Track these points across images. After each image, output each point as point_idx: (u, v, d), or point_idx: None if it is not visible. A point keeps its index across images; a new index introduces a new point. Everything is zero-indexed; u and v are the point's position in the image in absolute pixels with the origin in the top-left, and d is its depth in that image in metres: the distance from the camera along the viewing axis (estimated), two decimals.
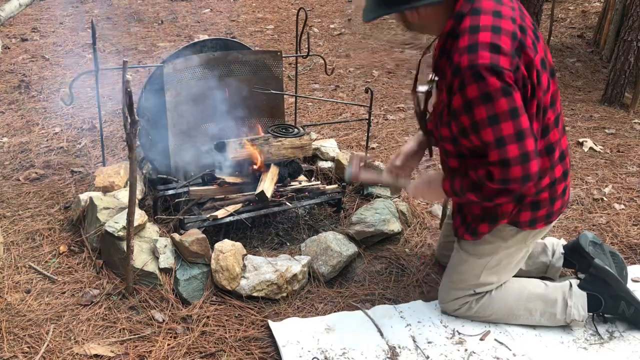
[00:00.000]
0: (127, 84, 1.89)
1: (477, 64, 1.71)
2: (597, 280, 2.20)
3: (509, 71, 1.73)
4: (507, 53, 1.74)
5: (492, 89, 1.72)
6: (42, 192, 3.04)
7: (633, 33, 4.45)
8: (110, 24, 6.54)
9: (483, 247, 2.14)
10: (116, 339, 2.11)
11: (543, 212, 2.06)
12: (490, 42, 1.74)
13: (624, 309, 2.19)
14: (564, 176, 2.06)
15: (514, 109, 1.74)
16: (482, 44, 1.73)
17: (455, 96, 1.79)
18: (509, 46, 1.75)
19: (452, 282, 2.23)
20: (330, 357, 2.05)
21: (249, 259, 2.41)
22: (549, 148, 1.98)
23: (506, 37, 1.76)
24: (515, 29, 1.80)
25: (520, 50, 1.78)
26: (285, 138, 2.82)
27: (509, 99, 1.73)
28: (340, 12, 7.59)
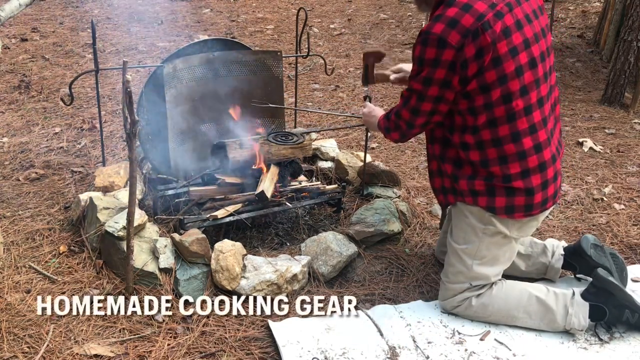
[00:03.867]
0: (127, 84, 1.89)
1: (429, 32, 1.93)
2: (600, 291, 2.18)
3: (451, 48, 1.90)
4: (462, 30, 1.89)
5: (427, 57, 1.95)
6: (42, 192, 3.04)
7: (633, 33, 4.45)
8: (110, 24, 6.54)
9: (466, 233, 2.17)
10: (116, 339, 2.11)
11: (520, 202, 2.06)
12: (453, 16, 1.91)
13: (628, 317, 2.18)
14: (541, 168, 2.06)
15: (429, 78, 1.98)
16: (446, 16, 1.92)
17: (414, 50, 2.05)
18: (468, 25, 1.89)
19: (447, 276, 2.26)
20: (330, 357, 2.05)
21: (249, 259, 2.41)
22: (515, 135, 2.01)
23: (470, 16, 1.90)
24: (486, 12, 1.92)
25: (479, 31, 1.90)
26: (285, 146, 2.81)
27: (431, 70, 1.96)
28: (340, 12, 7.59)
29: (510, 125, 2.00)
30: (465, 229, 2.19)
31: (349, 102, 4.59)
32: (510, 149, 2.02)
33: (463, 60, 1.91)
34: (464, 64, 1.92)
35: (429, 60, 1.94)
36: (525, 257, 2.43)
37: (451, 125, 2.09)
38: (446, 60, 1.91)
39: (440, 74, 1.95)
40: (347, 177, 3.13)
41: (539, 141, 2.04)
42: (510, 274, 2.41)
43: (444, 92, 1.99)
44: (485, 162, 2.05)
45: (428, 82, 1.98)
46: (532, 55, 1.99)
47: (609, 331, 2.22)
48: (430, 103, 2.03)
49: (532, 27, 2.01)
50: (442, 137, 2.16)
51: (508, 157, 2.03)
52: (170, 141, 2.77)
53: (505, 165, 2.04)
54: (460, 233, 2.21)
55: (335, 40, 6.33)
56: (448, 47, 1.90)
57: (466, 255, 2.19)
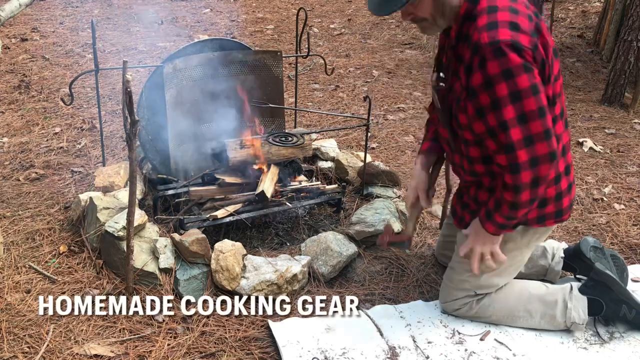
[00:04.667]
0: (127, 84, 1.89)
1: (498, 40, 1.69)
2: (598, 284, 2.19)
3: (529, 49, 1.71)
4: (526, 32, 1.72)
5: (513, 64, 1.68)
6: (42, 192, 3.04)
7: (633, 33, 4.45)
8: (110, 24, 6.54)
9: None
10: (116, 339, 2.11)
11: (551, 209, 2.03)
12: (510, 20, 1.72)
13: (625, 312, 2.19)
14: (567, 171, 2.03)
15: (534, 85, 1.71)
16: (502, 22, 1.72)
17: (475, 74, 1.75)
18: (527, 26, 1.74)
19: (453, 282, 2.23)
20: (330, 357, 2.05)
21: (249, 259, 2.41)
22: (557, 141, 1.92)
23: (523, 18, 1.75)
24: (530, 13, 1.80)
25: (537, 31, 1.77)
26: (284, 148, 2.81)
27: (530, 75, 1.70)
28: (340, 12, 7.59)
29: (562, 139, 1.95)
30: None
31: (349, 102, 4.59)
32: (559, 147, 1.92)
33: (542, 60, 1.77)
34: (543, 63, 1.78)
35: (518, 67, 1.69)
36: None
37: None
38: (532, 62, 1.73)
39: (537, 75, 1.73)
40: (347, 177, 3.13)
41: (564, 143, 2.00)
42: None
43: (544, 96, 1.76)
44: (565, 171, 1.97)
45: (535, 88, 1.72)
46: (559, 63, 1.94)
47: (607, 326, 2.23)
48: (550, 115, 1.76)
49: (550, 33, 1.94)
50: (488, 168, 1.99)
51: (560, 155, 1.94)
52: (170, 141, 2.77)
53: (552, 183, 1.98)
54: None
55: (335, 40, 6.33)
56: (526, 49, 1.71)
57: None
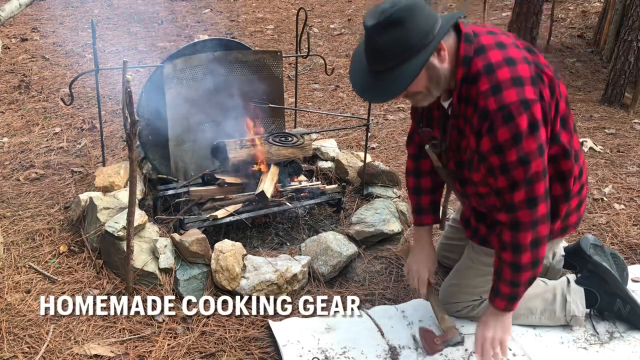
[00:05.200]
0: (127, 84, 1.89)
1: (506, 104, 1.67)
2: (594, 276, 2.22)
3: (536, 101, 1.70)
4: (530, 82, 1.71)
5: (522, 129, 1.68)
6: (42, 192, 3.04)
7: (633, 33, 4.45)
8: (110, 24, 6.54)
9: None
10: (116, 339, 2.11)
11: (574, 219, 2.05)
12: (511, 76, 1.70)
13: (619, 306, 2.20)
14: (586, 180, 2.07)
15: (540, 146, 1.73)
16: (504, 81, 1.70)
17: (484, 139, 1.75)
18: (528, 73, 1.72)
19: (461, 286, 2.21)
20: (331, 357, 2.05)
21: (249, 259, 2.41)
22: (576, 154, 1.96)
23: (522, 65, 1.72)
24: (524, 54, 1.77)
25: (540, 72, 1.76)
26: (284, 148, 2.81)
27: (536, 137, 1.71)
28: (340, 12, 7.59)
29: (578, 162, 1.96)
30: None
31: (349, 102, 4.59)
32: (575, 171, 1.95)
33: (548, 105, 1.76)
34: (549, 108, 1.77)
35: (527, 129, 1.68)
36: None
37: None
38: (541, 118, 1.71)
39: (543, 134, 1.73)
40: (347, 177, 3.13)
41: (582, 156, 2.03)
42: None
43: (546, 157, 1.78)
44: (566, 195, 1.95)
45: (542, 150, 1.73)
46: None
47: (603, 321, 2.24)
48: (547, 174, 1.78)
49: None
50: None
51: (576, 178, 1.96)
52: (170, 141, 2.77)
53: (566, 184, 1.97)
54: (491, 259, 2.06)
55: (335, 40, 6.34)
56: (533, 104, 1.69)
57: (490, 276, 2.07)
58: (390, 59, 1.67)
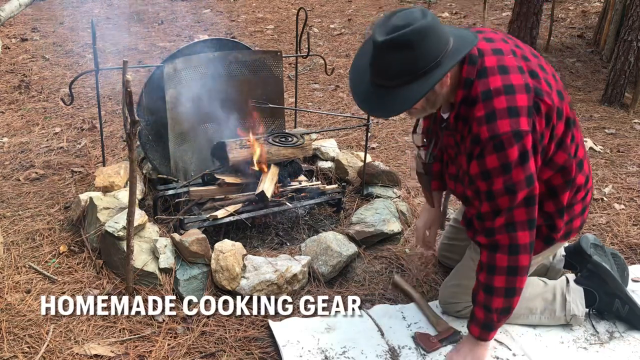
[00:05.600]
0: (127, 84, 1.89)
1: (498, 134, 1.69)
2: (594, 276, 2.23)
3: (528, 133, 1.71)
4: (525, 112, 1.71)
5: (511, 159, 1.70)
6: (42, 192, 3.04)
7: (633, 33, 4.45)
8: (110, 24, 6.55)
9: None
10: (116, 339, 2.11)
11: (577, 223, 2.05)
12: (507, 106, 1.70)
13: (618, 307, 2.20)
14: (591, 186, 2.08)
15: (529, 176, 1.74)
16: (500, 110, 1.70)
17: (473, 162, 1.77)
18: (525, 103, 1.72)
19: (461, 287, 2.21)
20: (331, 357, 2.05)
21: (249, 259, 2.41)
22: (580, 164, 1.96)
23: (521, 94, 1.72)
24: (526, 80, 1.76)
25: (538, 102, 1.75)
26: (284, 148, 2.81)
27: (525, 168, 1.73)
28: (340, 12, 7.60)
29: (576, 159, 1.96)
30: None
31: (349, 102, 4.59)
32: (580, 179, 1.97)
33: (540, 136, 1.77)
34: (541, 139, 1.77)
35: (517, 160, 1.71)
36: None
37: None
38: (531, 149, 1.73)
39: (533, 164, 1.75)
40: (347, 177, 3.13)
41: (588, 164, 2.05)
42: None
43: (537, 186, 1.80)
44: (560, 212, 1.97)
45: (531, 180, 1.75)
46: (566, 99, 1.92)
47: (602, 320, 2.24)
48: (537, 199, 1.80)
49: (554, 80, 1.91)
50: None
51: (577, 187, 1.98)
52: (170, 141, 2.77)
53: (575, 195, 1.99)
54: None
55: (335, 40, 6.33)
56: (525, 135, 1.70)
57: None
58: (395, 78, 1.67)
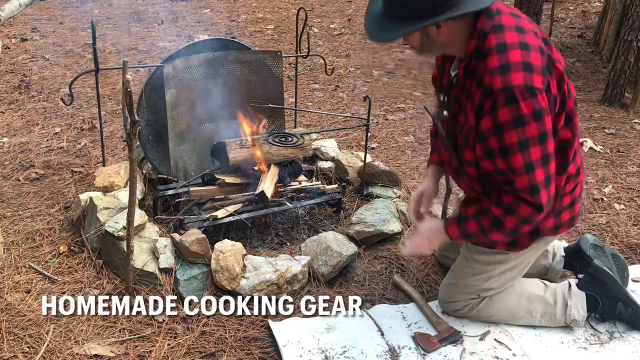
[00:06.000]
0: (127, 84, 1.89)
1: (511, 86, 1.67)
2: (595, 280, 2.21)
3: (542, 90, 1.70)
4: (539, 71, 1.70)
5: (525, 112, 1.68)
6: (42, 192, 3.04)
7: (633, 33, 4.45)
8: (110, 24, 6.54)
9: (494, 256, 2.12)
10: (116, 339, 2.11)
11: (566, 217, 2.05)
12: (522, 60, 1.69)
13: (621, 310, 2.19)
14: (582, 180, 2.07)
15: (543, 133, 1.72)
16: (514, 63, 1.69)
17: (485, 118, 1.74)
18: (539, 62, 1.71)
19: (458, 286, 2.22)
20: (331, 357, 2.05)
21: (249, 259, 2.41)
22: (575, 153, 1.98)
23: (535, 53, 1.72)
24: (540, 44, 1.77)
25: (550, 65, 1.75)
26: (284, 148, 2.81)
27: (540, 124, 1.71)
28: (340, 12, 7.59)
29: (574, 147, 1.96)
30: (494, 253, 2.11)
31: (349, 102, 4.58)
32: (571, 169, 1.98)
33: (553, 99, 1.76)
34: (554, 101, 1.77)
35: (529, 114, 1.68)
36: None
37: None
38: (545, 108, 1.71)
39: (549, 122, 1.73)
40: (347, 177, 3.13)
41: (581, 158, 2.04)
42: None
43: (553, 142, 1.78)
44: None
45: (544, 137, 1.73)
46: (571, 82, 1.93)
47: (603, 322, 2.23)
48: (553, 161, 1.78)
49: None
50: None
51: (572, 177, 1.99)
52: (170, 141, 2.77)
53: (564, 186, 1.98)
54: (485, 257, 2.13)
55: (335, 40, 6.33)
56: (539, 93, 1.69)
57: (484, 273, 2.15)
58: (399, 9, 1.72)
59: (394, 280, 2.45)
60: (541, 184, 1.77)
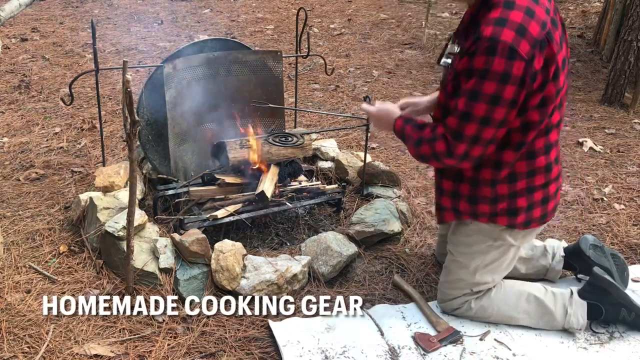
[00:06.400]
0: (127, 84, 1.89)
1: (497, 39, 1.69)
2: (597, 289, 2.19)
3: (523, 60, 1.70)
4: (531, 41, 1.71)
5: (494, 69, 1.70)
6: (42, 192, 3.04)
7: (633, 33, 4.45)
8: (110, 24, 6.54)
9: (472, 247, 2.15)
10: (116, 339, 2.11)
11: (537, 213, 2.06)
12: (520, 22, 1.70)
13: (624, 315, 2.18)
14: (557, 178, 2.07)
15: (497, 97, 1.73)
16: (512, 22, 1.70)
17: (464, 59, 1.79)
18: (535, 33, 1.72)
19: (449, 282, 2.24)
20: (331, 356, 2.05)
21: (249, 259, 2.41)
22: (548, 147, 1.98)
23: (536, 24, 1.73)
24: (546, 20, 1.78)
25: (545, 41, 1.75)
26: (284, 148, 2.81)
27: (500, 86, 1.72)
28: (340, 12, 7.59)
29: (546, 138, 1.95)
30: (472, 244, 2.15)
31: (349, 102, 4.59)
32: (541, 161, 1.98)
33: (533, 74, 1.74)
34: (533, 77, 1.75)
35: (496, 73, 1.69)
36: (526, 261, 2.42)
37: None
38: (517, 76, 1.70)
39: (510, 91, 1.72)
40: (347, 177, 3.13)
41: (558, 152, 2.04)
42: (509, 276, 2.41)
43: (510, 114, 1.77)
44: (513, 177, 1.97)
45: (495, 101, 1.73)
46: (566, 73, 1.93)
47: (606, 329, 2.22)
48: (494, 128, 1.79)
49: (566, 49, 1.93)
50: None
51: (536, 170, 1.98)
52: (170, 141, 2.77)
53: (532, 178, 2.00)
54: (465, 248, 2.17)
55: (335, 40, 6.33)
56: (519, 59, 1.69)
57: (470, 266, 2.17)
58: None
59: (394, 280, 2.46)
60: (466, 137, 1.80)
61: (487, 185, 2.00)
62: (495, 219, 2.05)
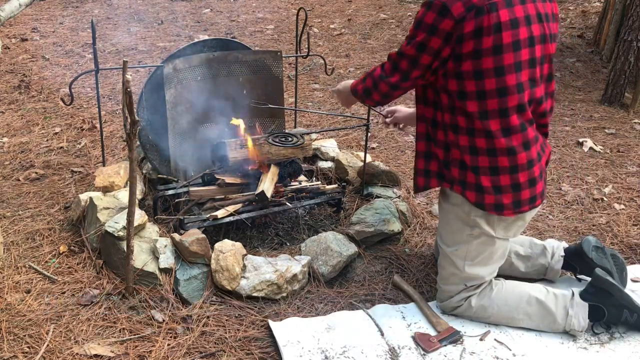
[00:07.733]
0: (127, 84, 1.89)
1: None
2: (599, 291, 2.18)
3: (453, 18, 1.88)
4: (467, 3, 1.87)
5: (424, 20, 1.94)
6: (42, 192, 3.04)
7: (633, 33, 4.45)
8: (110, 24, 6.55)
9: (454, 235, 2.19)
10: (116, 339, 2.11)
11: (508, 199, 2.06)
12: None
13: (627, 316, 2.18)
14: (530, 165, 2.05)
15: (423, 45, 1.96)
16: None
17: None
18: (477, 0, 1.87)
19: (442, 278, 2.27)
20: (331, 357, 2.05)
21: (249, 259, 2.41)
22: (507, 130, 2.00)
23: None
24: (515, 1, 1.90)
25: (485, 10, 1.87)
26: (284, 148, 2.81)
27: (427, 37, 1.94)
28: (340, 12, 7.60)
29: (502, 120, 1.99)
30: (452, 232, 2.20)
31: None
32: (500, 143, 2.00)
33: (460, 34, 1.89)
34: (460, 38, 1.90)
35: (426, 25, 1.93)
36: (525, 259, 2.43)
37: (440, 104, 2.09)
38: (443, 30, 1.90)
39: (436, 42, 1.93)
40: (347, 177, 3.13)
41: (528, 139, 2.04)
42: (509, 275, 2.41)
43: (434, 62, 1.98)
44: (474, 150, 2.04)
45: (422, 48, 1.97)
46: (534, 55, 1.98)
47: (607, 331, 2.22)
48: (421, 71, 2.02)
49: (541, 27, 1.98)
50: (432, 117, 2.14)
51: (497, 150, 2.01)
52: (170, 141, 2.77)
53: (494, 158, 2.02)
54: (448, 235, 2.23)
55: (335, 40, 6.34)
56: (448, 17, 1.88)
57: (457, 258, 2.19)
58: None
59: (394, 280, 2.46)
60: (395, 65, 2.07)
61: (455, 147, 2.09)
62: (464, 192, 2.10)
